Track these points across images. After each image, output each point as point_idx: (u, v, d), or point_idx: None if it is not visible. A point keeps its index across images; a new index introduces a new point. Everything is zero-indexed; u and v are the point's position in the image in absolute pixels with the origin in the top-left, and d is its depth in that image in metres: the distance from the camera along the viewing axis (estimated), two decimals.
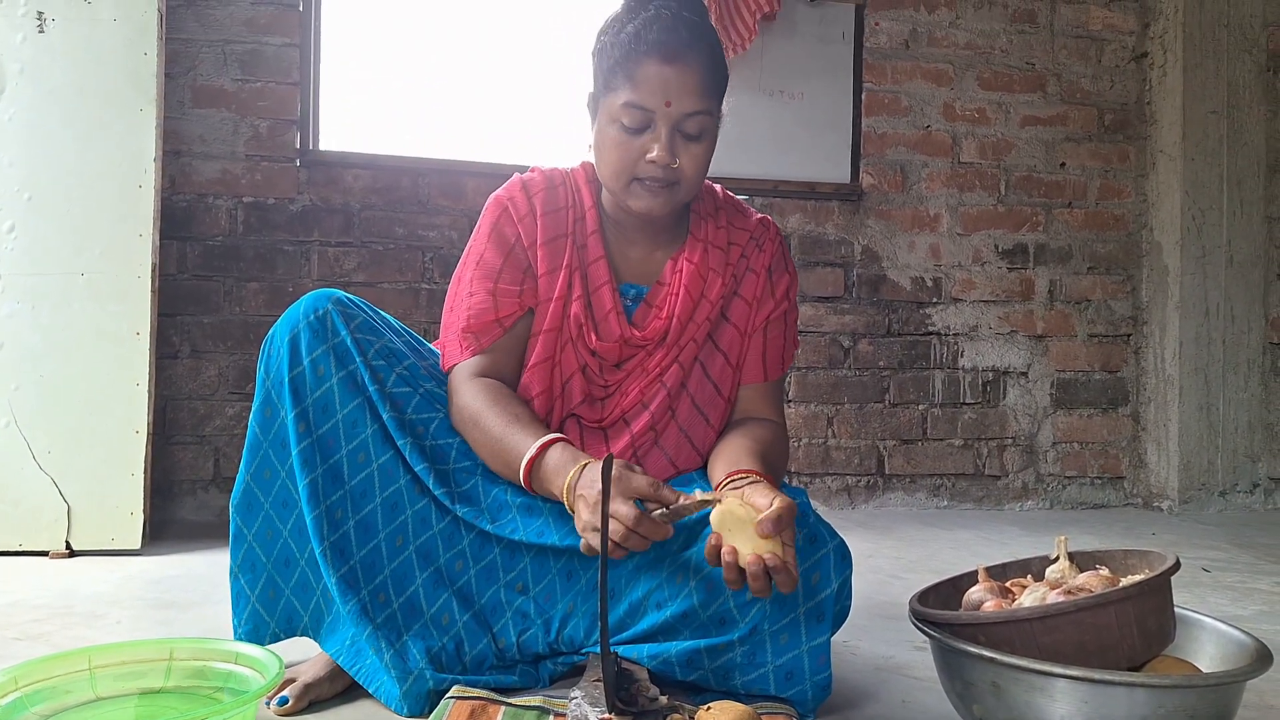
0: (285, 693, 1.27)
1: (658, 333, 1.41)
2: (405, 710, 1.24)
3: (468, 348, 1.38)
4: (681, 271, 1.42)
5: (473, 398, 1.34)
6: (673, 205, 1.37)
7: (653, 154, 1.31)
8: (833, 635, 1.27)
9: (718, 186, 1.53)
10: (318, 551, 1.29)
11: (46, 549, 2.32)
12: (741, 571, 1.13)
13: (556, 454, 1.26)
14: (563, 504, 1.25)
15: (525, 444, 1.27)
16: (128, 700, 1.19)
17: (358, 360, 1.33)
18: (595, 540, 1.16)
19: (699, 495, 1.18)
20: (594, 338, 1.40)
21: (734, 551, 1.13)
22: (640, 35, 1.30)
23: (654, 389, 1.42)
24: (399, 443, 1.34)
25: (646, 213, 1.36)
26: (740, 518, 1.13)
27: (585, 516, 1.17)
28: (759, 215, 1.52)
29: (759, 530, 1.11)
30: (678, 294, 1.42)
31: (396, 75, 3.15)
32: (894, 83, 3.41)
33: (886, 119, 3.41)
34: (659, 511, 1.16)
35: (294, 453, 1.30)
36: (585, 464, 1.22)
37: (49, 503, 2.33)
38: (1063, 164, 3.53)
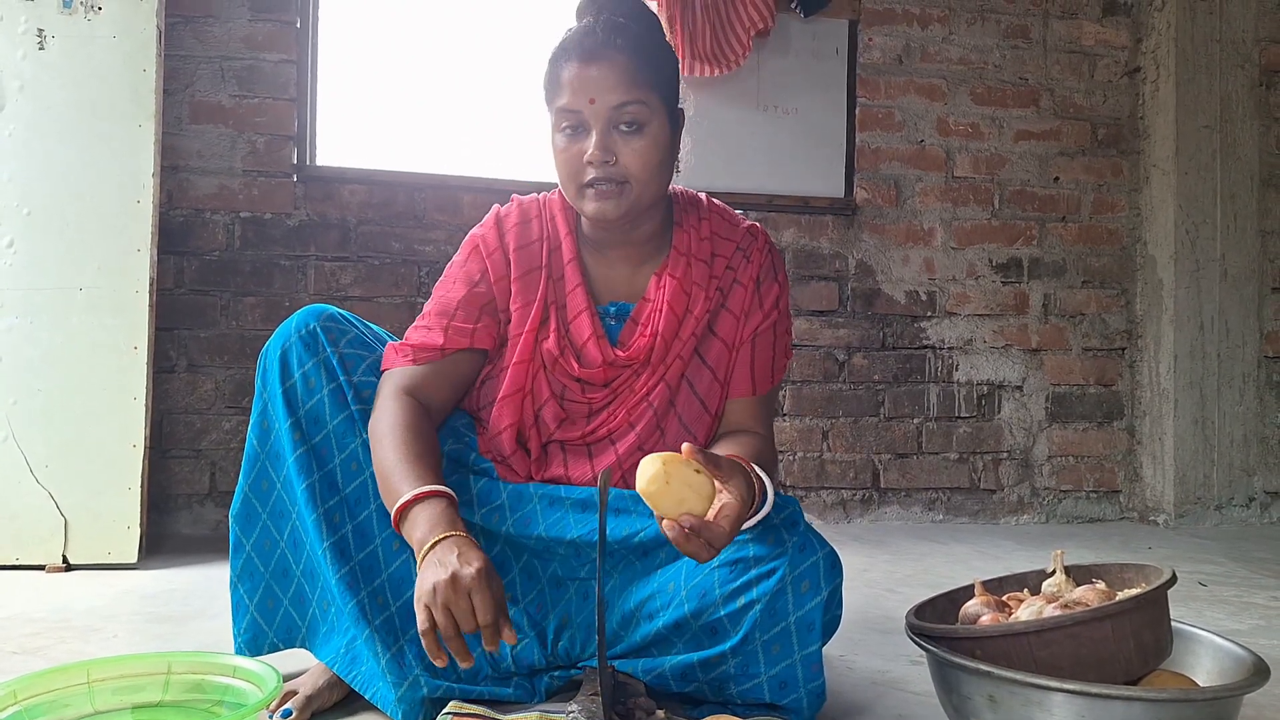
0: (289, 705, 1.28)
1: (642, 351, 1.39)
2: (400, 715, 1.24)
3: (404, 357, 1.37)
4: (665, 288, 1.40)
5: (384, 415, 1.30)
6: (629, 207, 1.33)
7: (588, 153, 1.30)
8: (824, 644, 1.27)
9: (703, 195, 1.50)
10: (319, 551, 1.31)
11: (43, 563, 2.32)
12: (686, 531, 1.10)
13: (426, 511, 1.18)
14: (550, 491, 1.37)
15: (403, 487, 1.21)
16: (125, 714, 1.19)
17: (341, 377, 1.36)
18: (424, 615, 1.10)
19: None
20: (576, 366, 1.39)
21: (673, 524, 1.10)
22: (564, 45, 1.35)
23: (640, 409, 1.40)
24: None
25: (600, 217, 1.33)
26: (674, 473, 1.11)
27: (424, 588, 1.10)
28: (747, 223, 1.48)
29: (680, 521, 1.09)
30: (660, 311, 1.39)
31: (393, 91, 3.17)
32: (887, 98, 3.43)
33: (880, 134, 3.43)
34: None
35: (290, 460, 1.33)
36: (443, 538, 1.14)
37: (46, 516, 2.32)
38: (1056, 178, 3.55)
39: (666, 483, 1.10)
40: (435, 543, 1.14)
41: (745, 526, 1.24)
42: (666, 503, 1.10)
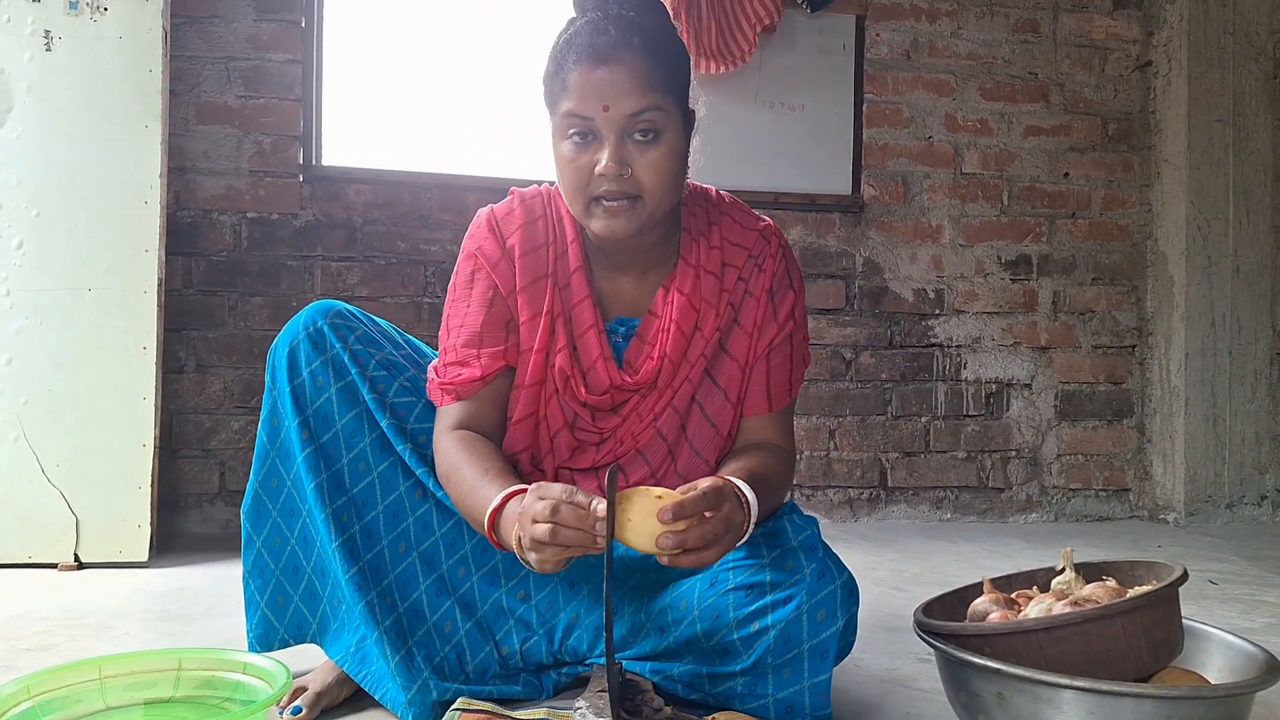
0: (298, 702, 1.29)
1: (650, 374, 1.33)
2: (411, 718, 1.24)
3: (449, 395, 1.34)
4: (672, 304, 1.33)
5: (449, 452, 1.29)
6: (638, 224, 1.25)
7: (600, 165, 1.22)
8: (835, 667, 1.25)
9: (713, 190, 1.42)
10: (330, 550, 1.31)
11: (55, 561, 2.33)
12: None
13: (515, 504, 1.17)
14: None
15: (490, 496, 1.20)
16: (136, 709, 1.20)
17: (354, 372, 1.34)
18: (536, 559, 1.11)
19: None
20: (583, 390, 1.33)
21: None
22: (570, 42, 1.25)
23: (649, 435, 1.36)
24: (399, 449, 1.35)
25: (609, 235, 1.25)
26: (636, 502, 1.10)
27: (523, 531, 1.11)
28: (761, 224, 1.39)
29: (660, 518, 1.07)
30: (668, 330, 1.33)
31: (398, 90, 3.17)
32: (895, 94, 3.42)
33: (888, 130, 3.42)
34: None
35: (299, 459, 1.33)
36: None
37: (57, 516, 2.34)
38: (1066, 174, 3.53)
39: (630, 519, 1.09)
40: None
41: (743, 541, 1.20)
42: (639, 540, 1.10)
